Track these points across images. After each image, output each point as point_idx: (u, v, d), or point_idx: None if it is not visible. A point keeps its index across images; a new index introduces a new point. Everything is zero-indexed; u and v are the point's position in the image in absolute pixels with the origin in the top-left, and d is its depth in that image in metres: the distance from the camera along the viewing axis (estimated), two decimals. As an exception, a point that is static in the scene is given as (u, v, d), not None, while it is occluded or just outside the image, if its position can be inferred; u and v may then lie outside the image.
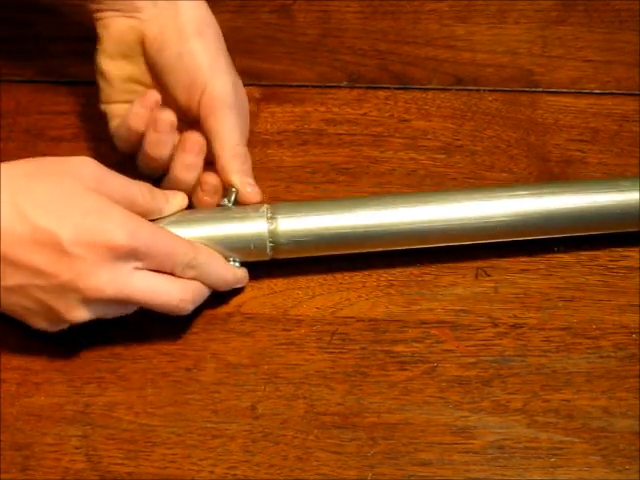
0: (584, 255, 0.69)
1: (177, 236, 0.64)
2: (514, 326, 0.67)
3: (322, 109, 0.75)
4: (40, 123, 0.74)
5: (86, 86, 0.75)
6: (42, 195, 0.60)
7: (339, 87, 0.77)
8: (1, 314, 0.63)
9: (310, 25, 0.79)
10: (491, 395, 0.64)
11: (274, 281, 0.68)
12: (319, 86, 0.77)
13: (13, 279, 0.60)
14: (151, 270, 0.62)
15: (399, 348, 0.66)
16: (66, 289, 0.60)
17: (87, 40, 0.70)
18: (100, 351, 0.65)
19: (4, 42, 0.77)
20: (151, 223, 0.63)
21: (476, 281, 0.68)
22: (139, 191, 0.64)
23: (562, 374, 0.65)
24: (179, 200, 0.66)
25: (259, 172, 0.72)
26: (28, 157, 0.62)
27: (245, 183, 0.67)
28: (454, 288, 0.68)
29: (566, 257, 0.69)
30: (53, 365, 0.65)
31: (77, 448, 0.62)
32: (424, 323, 0.67)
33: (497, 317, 0.67)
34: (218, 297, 0.67)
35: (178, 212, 0.66)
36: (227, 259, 0.65)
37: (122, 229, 0.60)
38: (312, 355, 0.66)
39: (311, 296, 0.68)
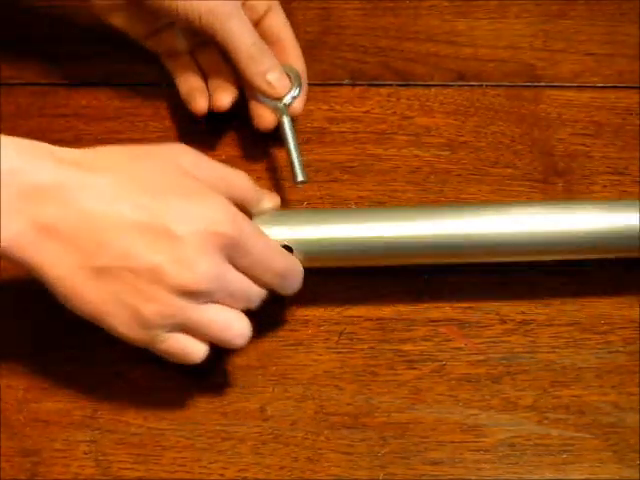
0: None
1: (274, 241, 0.61)
2: (522, 322, 0.66)
3: (324, 107, 0.75)
4: (41, 126, 0.74)
5: (87, 88, 0.75)
6: (146, 178, 0.57)
7: (341, 85, 0.76)
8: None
9: (310, 23, 0.79)
10: (501, 392, 0.64)
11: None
12: (321, 84, 0.76)
13: (104, 260, 0.56)
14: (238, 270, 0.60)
15: (407, 347, 0.66)
16: (158, 275, 0.56)
17: (87, 42, 0.70)
18: (107, 355, 0.65)
19: (4, 45, 0.76)
20: (252, 221, 0.61)
21: (482, 278, 0.68)
22: (239, 178, 0.62)
23: (571, 370, 0.65)
24: (275, 198, 0.65)
25: (262, 172, 0.72)
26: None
27: (266, 83, 0.68)
28: (461, 285, 0.68)
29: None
30: (60, 370, 0.64)
31: (86, 453, 0.62)
32: (432, 321, 0.66)
33: (505, 314, 0.67)
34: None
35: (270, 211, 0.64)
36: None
37: (227, 218, 0.58)
38: (320, 355, 0.65)
39: (318, 295, 0.67)
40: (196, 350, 0.60)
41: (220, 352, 0.65)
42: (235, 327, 0.60)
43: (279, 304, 0.67)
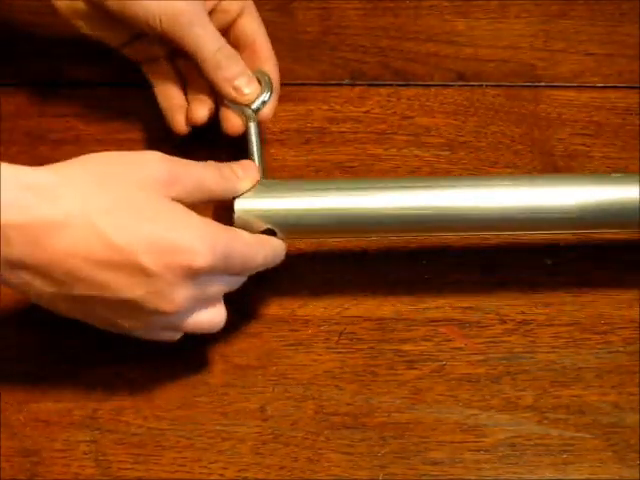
0: (590, 248, 0.69)
1: (250, 237, 0.61)
2: (522, 322, 0.66)
3: (324, 107, 0.75)
4: (41, 126, 0.74)
5: (87, 88, 0.75)
6: (116, 209, 0.56)
7: (341, 85, 0.76)
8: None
9: (310, 23, 0.79)
10: (501, 392, 0.64)
11: (280, 281, 0.68)
12: (321, 84, 0.76)
13: (80, 290, 0.57)
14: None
15: (407, 347, 0.66)
16: (136, 305, 0.57)
17: (87, 42, 0.70)
18: (106, 355, 0.65)
19: (4, 45, 0.76)
20: (226, 228, 0.60)
21: (482, 278, 0.68)
22: (210, 175, 0.61)
23: (571, 370, 0.65)
24: (251, 173, 0.63)
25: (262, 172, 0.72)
26: (28, 160, 0.59)
27: (234, 90, 0.66)
28: (461, 285, 0.68)
29: (572, 251, 0.69)
30: (60, 370, 0.64)
31: (86, 453, 0.62)
32: (432, 321, 0.66)
33: (505, 314, 0.67)
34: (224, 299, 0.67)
35: (253, 187, 0.63)
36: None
37: (203, 247, 0.57)
38: (320, 355, 0.65)
39: (318, 296, 0.67)
40: (170, 337, 0.61)
41: (220, 352, 0.65)
42: (211, 323, 0.61)
43: (279, 304, 0.67)
